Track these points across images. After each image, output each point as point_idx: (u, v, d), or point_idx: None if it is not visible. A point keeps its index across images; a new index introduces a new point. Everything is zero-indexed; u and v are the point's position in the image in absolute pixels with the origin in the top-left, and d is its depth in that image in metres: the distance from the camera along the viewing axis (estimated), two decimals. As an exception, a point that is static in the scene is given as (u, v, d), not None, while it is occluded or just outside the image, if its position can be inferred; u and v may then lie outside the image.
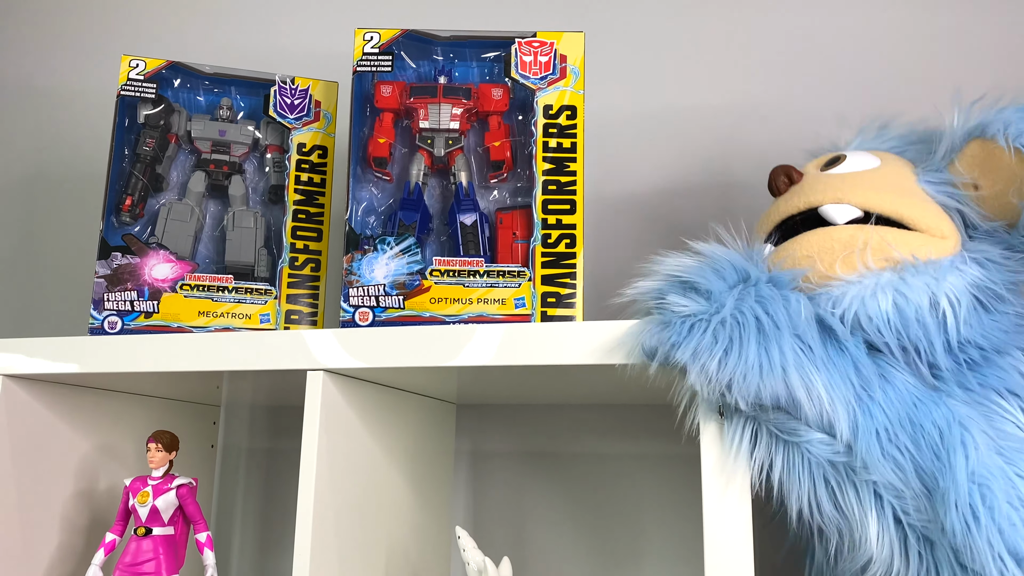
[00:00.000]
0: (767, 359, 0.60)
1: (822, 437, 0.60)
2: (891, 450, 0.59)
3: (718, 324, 0.61)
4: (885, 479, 0.59)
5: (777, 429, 0.61)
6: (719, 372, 0.60)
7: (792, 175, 0.73)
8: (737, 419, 0.62)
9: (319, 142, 0.91)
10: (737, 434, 0.62)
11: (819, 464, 0.60)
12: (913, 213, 0.68)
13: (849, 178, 0.71)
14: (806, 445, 0.60)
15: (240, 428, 1.15)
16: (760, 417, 0.62)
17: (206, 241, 0.89)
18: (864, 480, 0.60)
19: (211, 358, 0.77)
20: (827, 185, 0.71)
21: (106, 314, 0.83)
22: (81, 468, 0.91)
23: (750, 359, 0.60)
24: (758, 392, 0.59)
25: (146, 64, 0.89)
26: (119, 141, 0.87)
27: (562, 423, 1.03)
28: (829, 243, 0.67)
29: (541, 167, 0.79)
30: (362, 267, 0.78)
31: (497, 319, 0.77)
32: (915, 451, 0.59)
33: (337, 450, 0.76)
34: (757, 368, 0.60)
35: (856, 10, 1.03)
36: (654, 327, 0.64)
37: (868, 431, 0.59)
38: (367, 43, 0.82)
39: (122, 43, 1.32)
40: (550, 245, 0.78)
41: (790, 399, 0.60)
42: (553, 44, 0.81)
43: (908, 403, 0.60)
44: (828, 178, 0.72)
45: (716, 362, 0.60)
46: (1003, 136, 0.66)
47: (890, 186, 0.70)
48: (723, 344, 0.60)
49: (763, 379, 0.59)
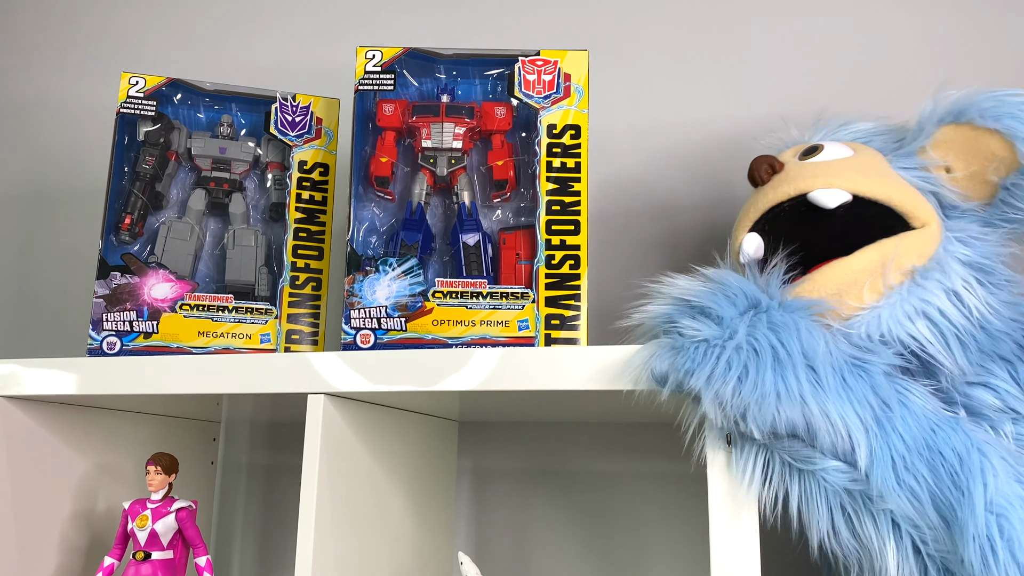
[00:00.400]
0: (784, 386, 0.59)
1: (838, 465, 0.59)
2: (907, 479, 0.58)
3: (733, 350, 0.60)
4: (901, 509, 0.58)
5: (791, 458, 0.60)
6: (734, 399, 0.59)
7: (775, 165, 0.74)
8: (748, 448, 0.61)
9: (320, 160, 0.90)
10: (748, 463, 0.61)
11: (836, 492, 0.59)
12: (900, 196, 0.69)
13: (833, 164, 0.72)
14: (822, 473, 0.59)
15: (240, 444, 1.15)
16: (773, 446, 0.60)
17: (206, 259, 0.89)
18: (881, 509, 0.59)
19: (211, 381, 0.76)
20: (813, 172, 0.72)
21: (105, 334, 0.82)
22: (80, 488, 0.90)
23: (766, 386, 0.59)
24: (774, 420, 0.58)
25: (146, 81, 0.88)
26: (118, 159, 0.86)
27: (566, 441, 1.02)
28: (852, 275, 0.67)
29: (545, 187, 0.79)
30: (364, 288, 0.78)
31: (500, 341, 0.76)
32: (932, 480, 0.57)
33: (338, 472, 0.75)
34: (774, 395, 0.58)
35: (862, 22, 1.02)
36: (665, 352, 0.62)
37: (884, 460, 0.58)
38: (369, 61, 0.81)
39: (123, 59, 1.31)
40: (554, 266, 0.77)
41: (806, 427, 0.58)
42: (557, 63, 0.80)
43: (926, 428, 0.59)
44: (812, 166, 0.73)
45: (731, 389, 0.59)
46: (979, 118, 0.69)
47: (872, 170, 0.72)
48: (737, 371, 0.59)
49: (780, 407, 0.58)
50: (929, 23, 1.00)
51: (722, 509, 0.62)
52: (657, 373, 0.62)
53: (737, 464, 0.61)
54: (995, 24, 0.98)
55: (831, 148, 0.76)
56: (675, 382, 0.61)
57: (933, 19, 1.00)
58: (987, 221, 0.71)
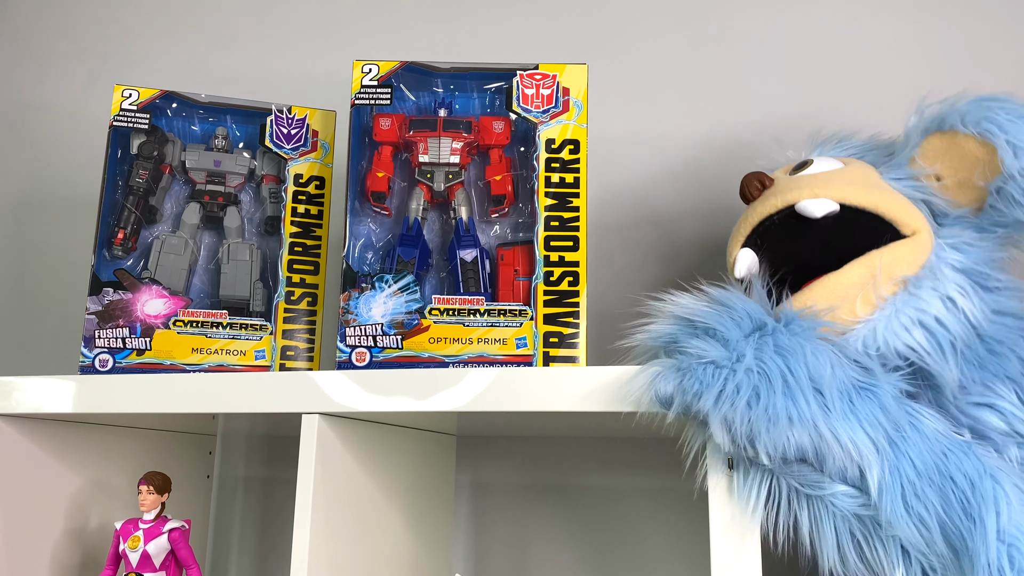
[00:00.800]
0: (795, 411, 0.57)
1: (847, 490, 0.58)
2: (917, 507, 0.57)
3: (743, 373, 0.58)
4: (909, 538, 0.57)
5: (799, 483, 0.59)
6: (742, 423, 0.57)
7: (764, 180, 0.74)
8: (752, 473, 0.60)
9: (316, 173, 0.89)
10: (753, 488, 0.60)
11: (844, 518, 0.58)
12: (888, 204, 0.69)
13: (821, 176, 0.73)
14: (830, 498, 0.58)
15: (236, 458, 1.13)
16: (780, 471, 0.59)
17: (200, 273, 0.87)
18: (890, 535, 0.58)
19: (204, 400, 0.75)
20: (800, 184, 0.72)
21: (97, 351, 0.81)
22: (72, 506, 0.89)
23: (776, 410, 0.57)
24: (784, 445, 0.57)
25: (139, 94, 0.87)
26: (111, 173, 0.85)
27: (567, 455, 1.01)
28: (843, 290, 0.67)
29: (543, 202, 0.77)
30: (359, 305, 0.76)
31: (498, 360, 0.75)
32: (942, 507, 0.56)
33: (333, 492, 0.74)
34: (784, 420, 0.57)
35: (861, 33, 1.01)
36: (670, 373, 0.61)
37: (893, 487, 0.57)
38: (365, 75, 0.80)
39: (119, 69, 1.30)
40: (552, 283, 0.76)
41: (816, 452, 0.57)
42: (555, 77, 0.79)
43: (937, 452, 0.58)
44: (800, 178, 0.74)
45: (739, 413, 0.57)
46: (961, 124, 0.69)
47: (860, 180, 0.72)
48: (746, 394, 0.58)
49: (789, 431, 0.57)
50: (926, 30, 0.99)
51: (724, 534, 0.61)
52: (662, 394, 0.61)
53: (741, 489, 0.60)
54: (996, 30, 0.97)
55: (821, 162, 0.76)
56: (682, 404, 0.60)
57: (930, 26, 0.99)
58: (980, 227, 0.71)
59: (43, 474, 0.87)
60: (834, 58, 1.01)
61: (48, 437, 0.87)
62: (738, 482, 0.60)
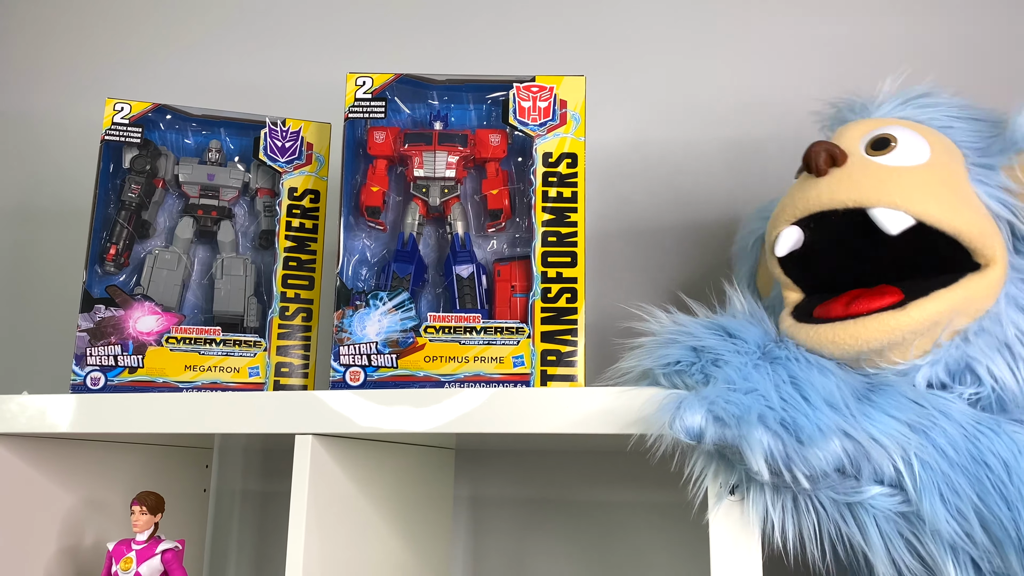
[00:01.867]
0: (822, 423, 0.55)
1: (884, 490, 0.56)
2: (954, 500, 0.55)
3: (766, 399, 0.56)
4: (949, 533, 0.55)
5: (834, 493, 0.57)
6: (778, 451, 0.55)
7: (836, 155, 0.63)
8: (780, 493, 0.58)
9: (311, 186, 0.88)
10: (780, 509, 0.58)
11: (888, 518, 0.56)
12: (970, 227, 0.60)
13: (904, 176, 0.62)
14: (869, 502, 0.56)
15: (234, 471, 1.12)
16: (813, 487, 0.57)
17: (194, 288, 0.86)
18: (932, 531, 0.56)
19: (196, 421, 0.74)
20: (879, 180, 0.61)
21: (89, 370, 0.80)
22: (66, 524, 0.88)
23: (806, 430, 0.55)
24: (820, 461, 0.55)
25: (131, 107, 0.86)
26: (103, 187, 0.84)
27: (567, 469, 1.00)
28: (898, 335, 0.60)
29: (540, 217, 0.76)
30: (353, 324, 0.75)
31: (495, 378, 0.74)
32: (979, 497, 0.54)
33: (328, 512, 0.73)
34: (817, 435, 0.55)
35: (866, 37, 0.99)
36: (695, 402, 0.57)
37: (930, 486, 0.55)
38: (359, 88, 0.79)
39: (112, 80, 1.28)
40: (550, 300, 0.75)
41: (851, 459, 0.55)
42: (553, 89, 0.78)
43: (968, 436, 0.56)
44: (878, 170, 0.62)
45: (773, 438, 0.55)
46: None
47: (946, 190, 0.62)
48: (777, 419, 0.55)
49: (823, 446, 0.55)
50: (923, 27, 0.97)
51: (725, 557, 0.60)
52: (690, 427, 0.56)
53: (772, 511, 0.58)
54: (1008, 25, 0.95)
55: (905, 142, 0.64)
56: (716, 435, 0.56)
57: (927, 23, 0.97)
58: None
59: (36, 492, 0.85)
60: (836, 65, 0.99)
61: (41, 454, 0.86)
62: (765, 510, 0.58)
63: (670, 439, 0.59)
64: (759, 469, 0.55)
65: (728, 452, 0.58)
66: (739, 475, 0.59)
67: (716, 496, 0.60)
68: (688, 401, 0.57)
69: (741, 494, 0.59)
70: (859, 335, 0.60)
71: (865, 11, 1.00)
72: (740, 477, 0.59)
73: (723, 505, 0.60)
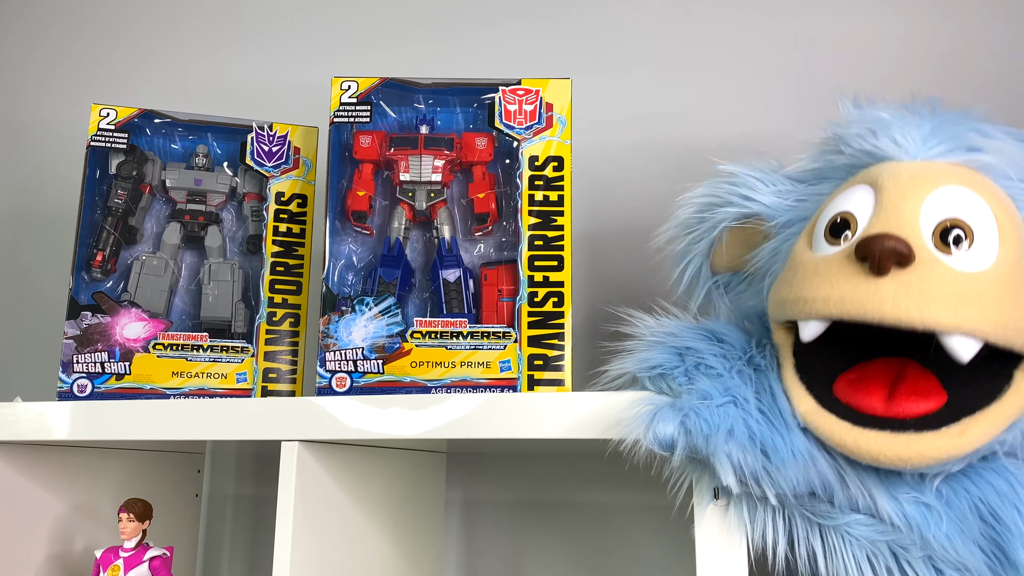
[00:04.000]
0: (797, 448, 0.55)
1: (860, 518, 0.56)
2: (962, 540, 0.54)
3: (743, 412, 0.56)
4: (942, 555, 0.54)
5: (810, 513, 0.57)
6: (750, 465, 0.54)
7: (906, 256, 0.52)
8: (760, 507, 0.58)
9: (298, 190, 0.87)
10: (759, 523, 0.58)
11: (862, 546, 0.56)
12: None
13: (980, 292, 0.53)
14: (845, 528, 0.56)
15: (226, 476, 1.12)
16: (789, 504, 0.57)
17: (182, 294, 0.86)
18: (919, 557, 0.55)
19: (183, 427, 0.74)
20: (956, 299, 0.52)
21: (75, 377, 0.80)
22: (55, 530, 0.88)
23: (780, 449, 0.54)
24: (793, 482, 0.55)
25: (117, 113, 0.85)
26: (89, 193, 0.84)
27: (559, 471, 0.99)
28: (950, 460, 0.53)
29: (527, 221, 0.76)
30: (339, 329, 0.75)
31: (482, 383, 0.73)
32: (975, 520, 0.54)
33: (315, 519, 0.72)
34: (790, 457, 0.54)
35: (857, 35, 0.99)
36: (669, 413, 0.57)
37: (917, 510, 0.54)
38: (344, 92, 0.79)
39: (99, 83, 1.28)
40: (537, 304, 0.74)
41: (823, 486, 0.55)
42: (539, 92, 0.77)
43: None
44: (953, 284, 0.52)
45: (746, 455, 0.54)
46: None
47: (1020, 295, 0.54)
48: (749, 435, 0.55)
49: (795, 467, 0.54)
50: (918, 29, 0.96)
51: (711, 563, 0.59)
52: (663, 437, 0.56)
53: (751, 523, 0.58)
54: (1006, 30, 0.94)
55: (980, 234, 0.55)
56: (687, 446, 0.56)
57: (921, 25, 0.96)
58: None
59: (25, 498, 0.85)
60: (830, 67, 0.99)
61: (30, 460, 0.86)
62: (747, 516, 0.58)
63: (646, 448, 0.58)
64: (728, 484, 0.55)
65: (703, 461, 0.58)
66: (718, 480, 0.58)
67: (701, 500, 0.60)
68: (663, 412, 0.57)
69: (726, 498, 0.59)
70: (907, 458, 0.52)
71: (858, 11, 0.99)
72: (719, 483, 0.58)
73: (708, 510, 0.60)
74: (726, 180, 0.69)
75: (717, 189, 0.69)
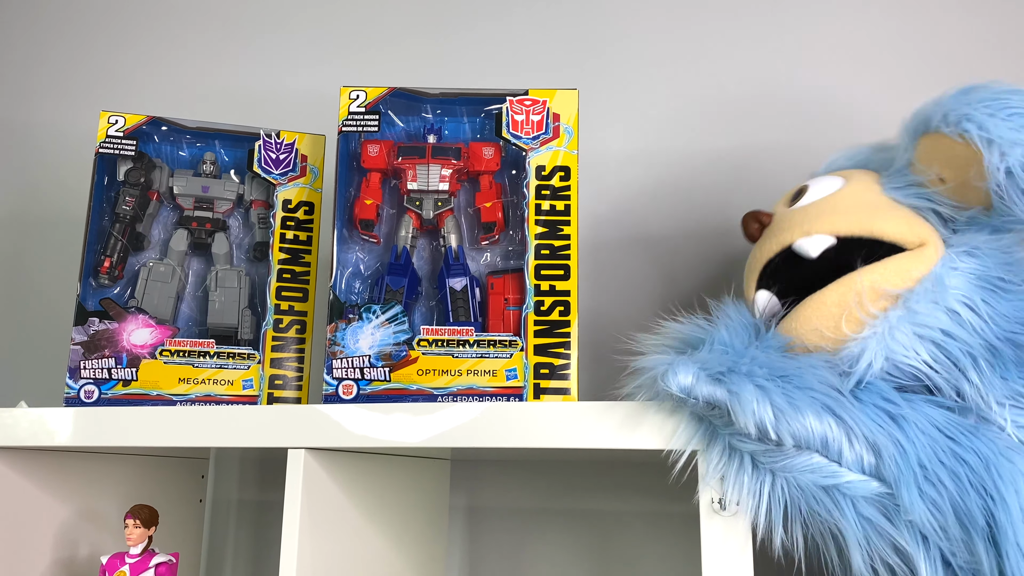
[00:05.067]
0: (807, 396, 0.58)
1: (863, 478, 0.57)
2: (929, 491, 0.56)
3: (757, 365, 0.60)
4: (924, 523, 0.56)
5: (814, 476, 0.58)
6: (768, 408, 0.57)
7: (761, 218, 0.72)
8: (759, 475, 0.59)
9: (305, 198, 0.88)
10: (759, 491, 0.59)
11: (862, 504, 0.57)
12: (885, 227, 0.66)
13: (813, 208, 0.69)
14: (846, 487, 0.57)
15: (230, 481, 1.12)
16: (794, 467, 0.58)
17: (188, 300, 0.86)
18: (906, 521, 0.57)
19: (190, 434, 0.74)
20: (793, 221, 0.69)
21: (83, 383, 0.80)
22: (60, 535, 0.88)
23: (797, 397, 0.58)
24: (808, 429, 0.57)
25: (125, 120, 0.86)
26: (97, 200, 0.84)
27: (563, 478, 1.00)
28: (824, 309, 0.64)
29: (534, 230, 0.76)
30: (346, 337, 0.75)
31: (488, 392, 0.74)
32: (956, 491, 0.55)
33: (321, 526, 0.73)
34: (807, 402, 0.58)
35: (868, 43, 0.99)
36: (686, 362, 0.60)
37: (906, 474, 0.56)
38: (353, 102, 0.79)
39: (107, 89, 1.29)
40: (543, 312, 0.75)
41: (833, 438, 0.57)
42: (546, 102, 0.78)
43: (947, 435, 0.57)
44: (793, 213, 0.70)
45: (762, 397, 0.57)
46: (944, 124, 0.63)
47: (856, 205, 0.68)
48: (767, 379, 0.59)
49: (811, 417, 0.57)
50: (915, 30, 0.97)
51: (716, 560, 0.60)
52: (682, 383, 0.59)
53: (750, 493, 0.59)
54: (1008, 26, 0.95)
55: (817, 185, 0.72)
56: (705, 387, 0.59)
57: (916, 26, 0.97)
58: (995, 227, 0.65)
59: (30, 503, 0.85)
60: (831, 76, 1.00)
61: (35, 466, 0.86)
62: (741, 488, 0.59)
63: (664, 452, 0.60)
64: (745, 425, 0.57)
65: (716, 414, 0.60)
66: (725, 490, 0.60)
67: (707, 508, 0.60)
68: (680, 362, 0.60)
69: (732, 510, 0.60)
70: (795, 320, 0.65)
71: (865, 16, 1.00)
72: (725, 492, 0.60)
73: (713, 518, 0.60)
74: None
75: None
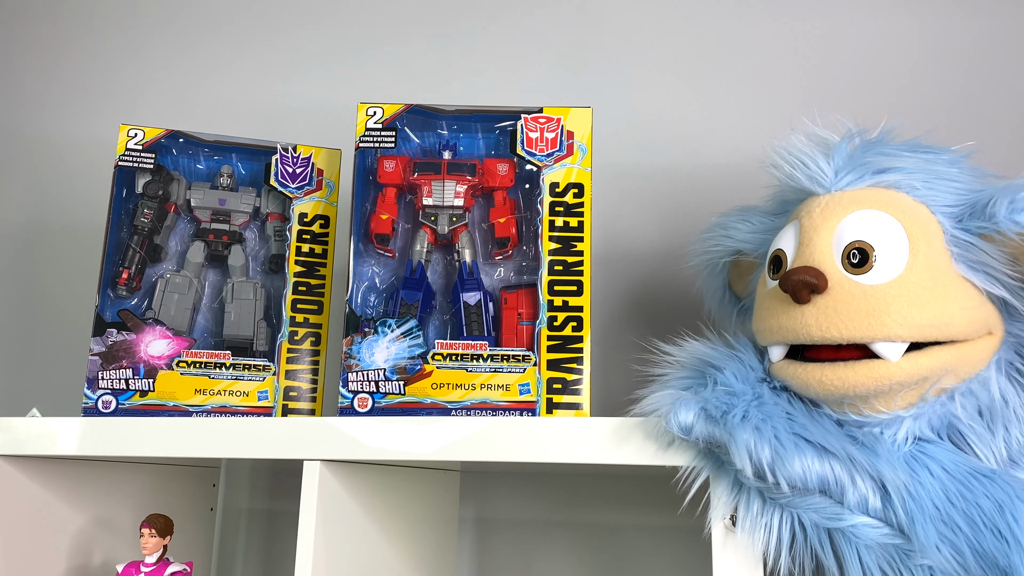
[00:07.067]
0: (814, 438, 0.58)
1: (868, 521, 0.57)
2: (947, 535, 0.56)
3: (760, 405, 0.60)
4: (942, 566, 0.56)
5: (818, 516, 0.58)
6: (764, 451, 0.57)
7: (817, 285, 0.60)
8: (768, 509, 0.60)
9: (321, 211, 0.89)
10: (766, 525, 0.59)
11: (870, 548, 0.57)
12: (964, 331, 0.60)
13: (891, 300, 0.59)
14: (851, 530, 0.57)
15: (241, 490, 1.13)
16: (798, 504, 0.58)
17: (204, 312, 0.87)
18: (919, 564, 0.57)
19: (206, 445, 0.75)
20: (869, 313, 0.59)
21: (100, 393, 0.81)
22: (75, 543, 0.89)
23: (796, 439, 0.58)
24: (805, 473, 0.57)
25: (144, 133, 0.87)
26: (116, 212, 0.85)
27: (572, 490, 1.00)
28: (886, 383, 0.59)
29: (547, 246, 0.77)
30: (362, 350, 0.76)
31: (501, 406, 0.74)
32: (972, 534, 0.55)
33: (335, 536, 0.73)
34: (806, 447, 0.58)
35: (878, 68, 1.00)
36: (690, 400, 0.60)
37: (922, 517, 0.56)
38: (370, 118, 0.80)
39: (124, 102, 1.30)
40: (556, 328, 0.76)
41: (836, 481, 0.57)
42: (560, 120, 0.79)
43: (959, 480, 0.57)
44: (865, 299, 0.59)
45: (762, 439, 0.57)
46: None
47: (934, 295, 0.60)
48: (768, 422, 0.59)
49: (811, 459, 0.57)
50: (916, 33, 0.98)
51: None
52: (683, 422, 0.60)
53: (755, 525, 0.60)
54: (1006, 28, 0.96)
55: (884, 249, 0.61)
56: (704, 429, 0.59)
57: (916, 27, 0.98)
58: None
59: (45, 512, 0.86)
60: (843, 88, 1.00)
61: (50, 474, 0.87)
62: (752, 518, 0.60)
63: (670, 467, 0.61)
64: (743, 467, 0.58)
65: (719, 452, 0.60)
66: (736, 504, 0.61)
67: (718, 525, 0.61)
68: (684, 400, 0.61)
69: (741, 525, 0.60)
70: (847, 379, 0.59)
71: (871, 33, 1.01)
72: (737, 507, 0.61)
73: (725, 534, 0.61)
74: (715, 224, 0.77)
75: (708, 235, 0.78)
